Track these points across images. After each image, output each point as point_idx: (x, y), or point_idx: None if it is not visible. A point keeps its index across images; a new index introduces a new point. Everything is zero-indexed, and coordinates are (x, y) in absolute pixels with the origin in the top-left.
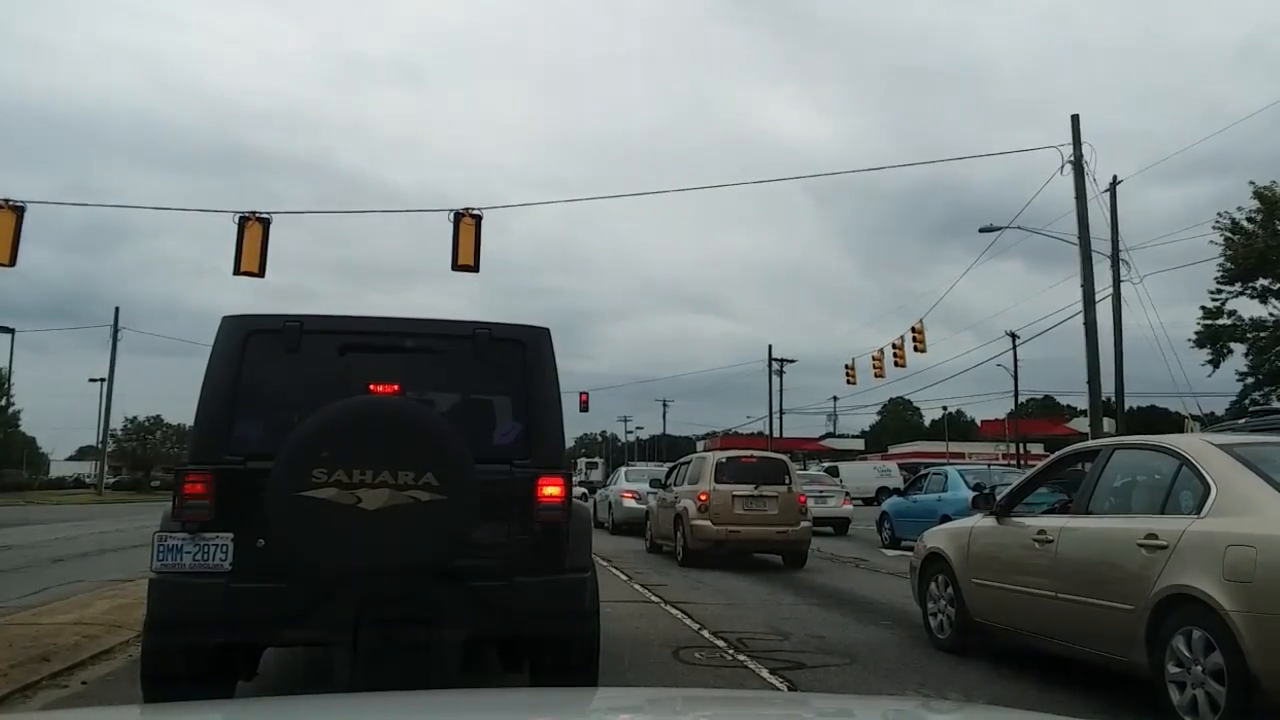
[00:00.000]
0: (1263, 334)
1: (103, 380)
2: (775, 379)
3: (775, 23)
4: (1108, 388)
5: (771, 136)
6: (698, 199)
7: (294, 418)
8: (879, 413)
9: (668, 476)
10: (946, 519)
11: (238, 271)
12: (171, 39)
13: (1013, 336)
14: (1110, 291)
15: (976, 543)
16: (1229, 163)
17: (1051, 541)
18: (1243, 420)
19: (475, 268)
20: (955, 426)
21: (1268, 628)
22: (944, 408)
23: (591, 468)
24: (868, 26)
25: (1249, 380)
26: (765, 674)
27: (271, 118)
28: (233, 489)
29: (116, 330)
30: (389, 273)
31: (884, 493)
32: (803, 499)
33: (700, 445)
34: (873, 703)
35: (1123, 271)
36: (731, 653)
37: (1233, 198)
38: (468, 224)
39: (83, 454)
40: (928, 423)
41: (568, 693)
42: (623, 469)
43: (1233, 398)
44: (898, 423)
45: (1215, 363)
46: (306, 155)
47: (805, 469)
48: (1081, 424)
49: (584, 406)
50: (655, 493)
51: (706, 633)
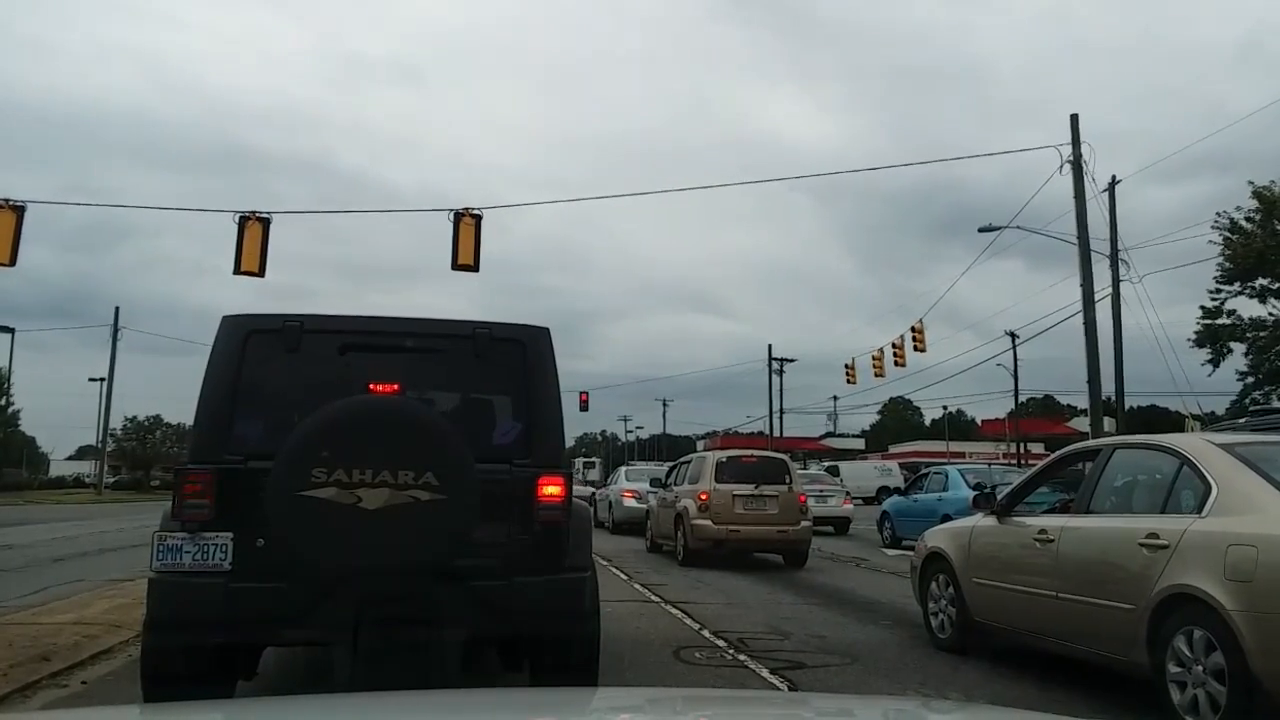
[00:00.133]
0: (1262, 333)
1: (103, 380)
2: (775, 378)
3: (775, 22)
4: (1108, 387)
5: (771, 136)
6: (698, 199)
7: (294, 417)
8: (879, 412)
9: (668, 476)
10: (947, 518)
11: (238, 271)
12: (171, 39)
13: (1012, 336)
14: (1110, 291)
15: (977, 542)
16: (1228, 162)
17: (1052, 541)
18: (1243, 420)
19: (475, 267)
20: (955, 426)
21: (1269, 627)
22: (944, 407)
23: (589, 467)
24: (868, 26)
25: (1249, 379)
26: (766, 674)
27: (271, 118)
28: (233, 488)
29: (116, 330)
30: (389, 272)
31: (884, 492)
32: (803, 498)
33: (700, 445)
34: (873, 702)
35: (1122, 271)
36: (732, 652)
37: (1232, 197)
38: (467, 224)
39: (82, 453)
40: (928, 422)
41: (568, 693)
42: (623, 468)
43: (1233, 397)
44: (898, 422)
45: (1215, 362)
46: (306, 155)
47: (806, 468)
48: (1082, 423)
49: (584, 406)
50: (655, 492)
51: (707, 632)
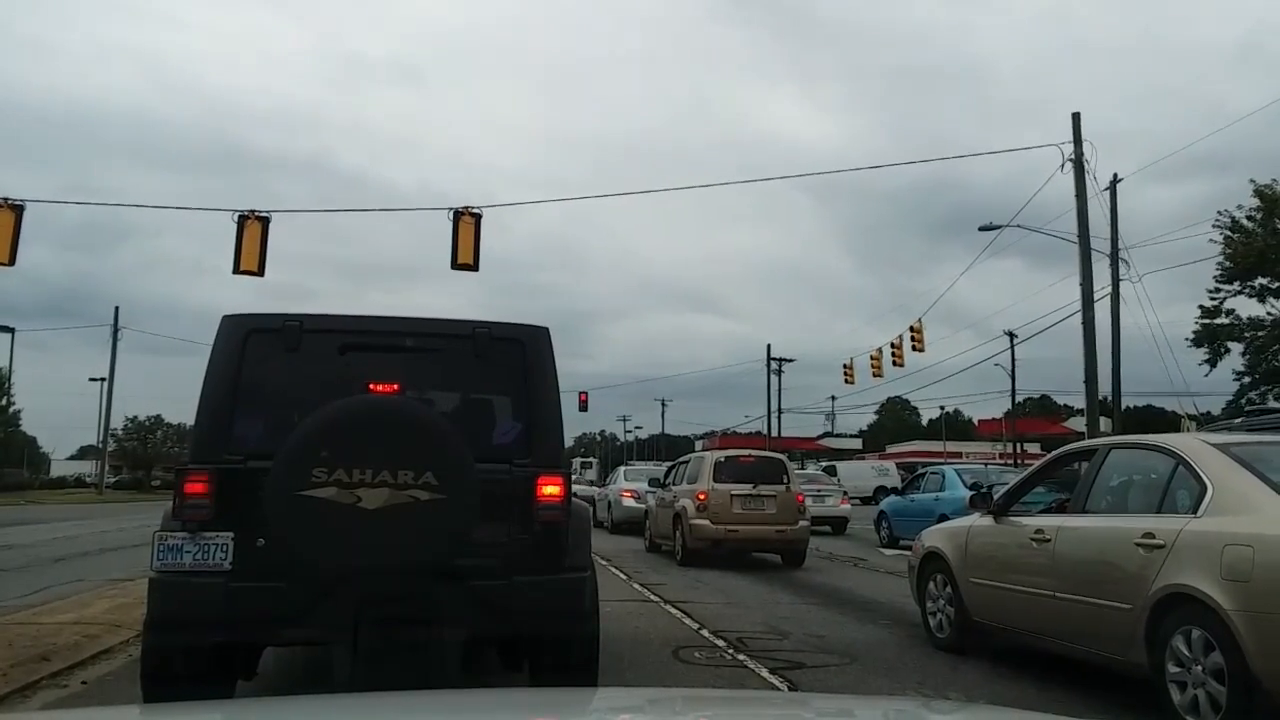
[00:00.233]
0: (1260, 333)
1: (103, 380)
2: (774, 378)
3: (775, 22)
4: (1105, 387)
5: (771, 136)
6: (697, 198)
7: (294, 417)
8: (877, 412)
9: (666, 476)
10: (944, 518)
11: (237, 270)
12: (171, 39)
13: (1010, 336)
14: (1109, 290)
15: (974, 542)
16: (1229, 161)
17: (1049, 541)
18: (1239, 420)
19: (475, 267)
20: (953, 426)
21: (1266, 627)
22: (941, 407)
23: (586, 467)
24: (868, 26)
25: (1246, 379)
26: (765, 673)
27: (271, 118)
28: (233, 488)
29: (116, 329)
30: (389, 272)
31: (882, 492)
32: (801, 498)
33: (699, 445)
34: (872, 702)
35: (1122, 270)
36: (731, 652)
37: (1233, 196)
38: (467, 223)
39: (83, 453)
40: (925, 422)
41: (568, 693)
42: (622, 468)
43: (1229, 397)
44: (895, 422)
45: (1212, 362)
46: (306, 155)
47: (803, 468)
48: (1078, 423)
49: (583, 406)
50: (654, 492)
51: (706, 632)
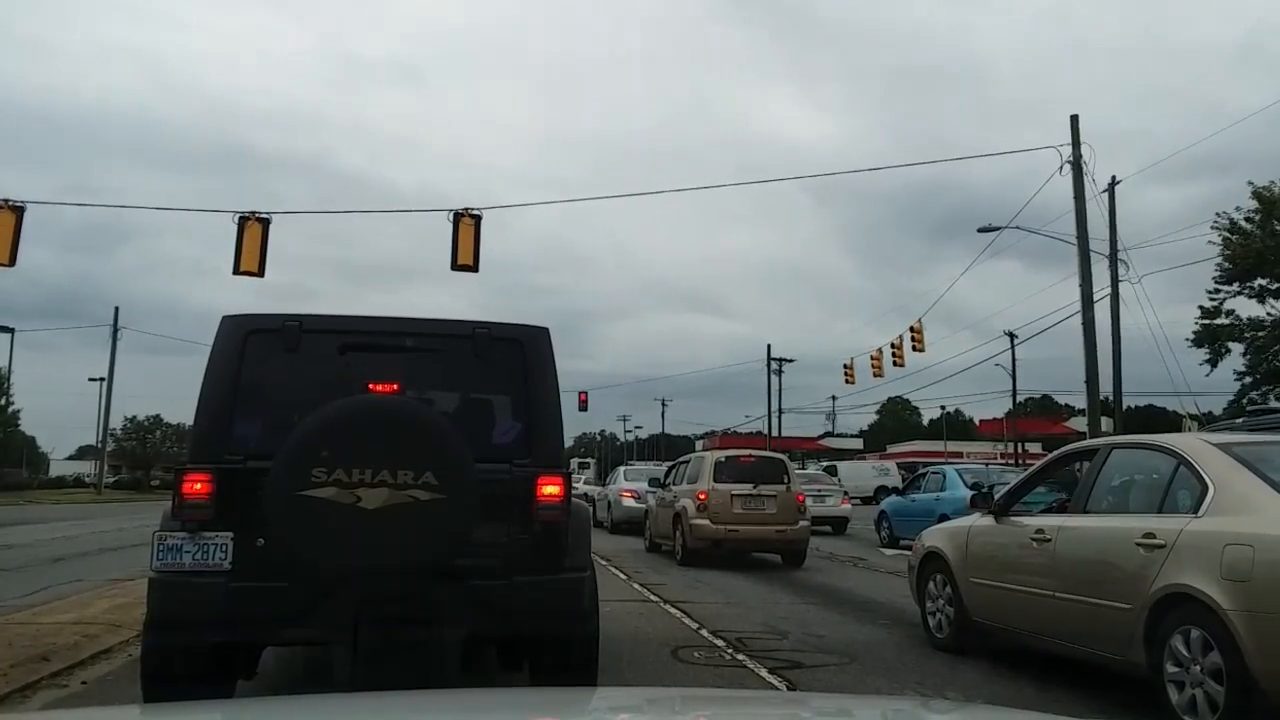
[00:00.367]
0: (1260, 333)
1: (102, 380)
2: (774, 378)
3: (775, 22)
4: (1106, 387)
5: (771, 136)
6: (697, 198)
7: (294, 417)
8: (877, 412)
9: (666, 476)
10: (945, 518)
11: (237, 271)
12: (171, 39)
13: (1011, 336)
14: (1108, 291)
15: (975, 542)
16: (1228, 163)
17: (1049, 541)
18: (1240, 420)
19: (475, 268)
20: (953, 426)
21: (1266, 627)
22: (942, 407)
23: (583, 468)
24: (867, 26)
25: (1246, 380)
26: (764, 673)
27: (271, 118)
28: (232, 488)
29: (116, 330)
30: (389, 273)
31: (882, 492)
32: (801, 498)
33: (699, 445)
34: (871, 702)
35: (1121, 271)
36: (730, 652)
37: (1232, 198)
38: (467, 224)
39: (83, 453)
40: (926, 422)
41: (567, 692)
42: (622, 468)
43: (1230, 397)
44: (896, 422)
45: (1213, 362)
46: (306, 155)
47: (804, 468)
48: (1079, 423)
49: (583, 406)
50: (654, 492)
51: (705, 632)
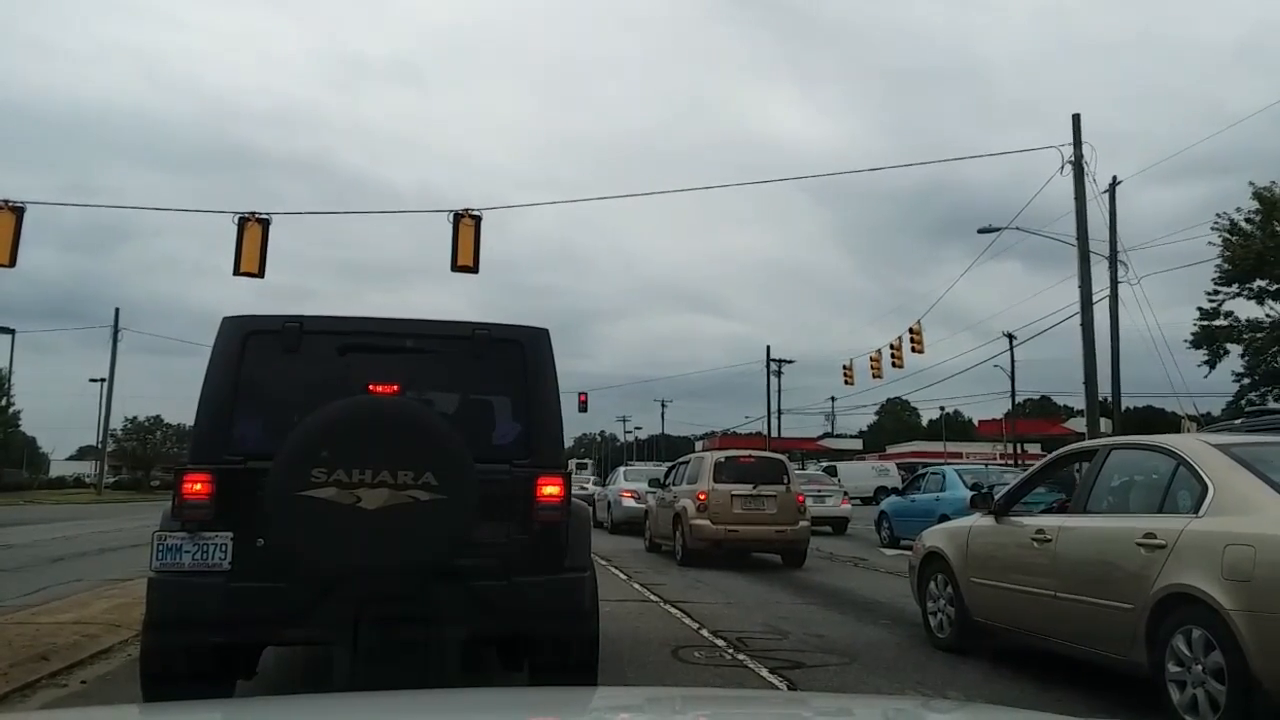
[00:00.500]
0: (1259, 335)
1: (103, 380)
2: (773, 379)
3: (775, 22)
4: (1104, 388)
5: (771, 136)
6: (697, 199)
7: (294, 418)
8: (877, 413)
9: (666, 476)
10: (945, 518)
11: (237, 272)
12: (171, 39)
13: (1010, 337)
14: (1108, 292)
15: (975, 542)
16: (1228, 164)
17: (1050, 541)
18: (1239, 420)
19: (475, 269)
20: (953, 427)
21: (1267, 627)
22: (941, 408)
23: (581, 468)
24: (867, 26)
25: (1245, 381)
26: (765, 673)
27: (271, 118)
28: (232, 489)
29: (117, 330)
30: (389, 273)
31: (882, 492)
32: (801, 498)
33: (699, 445)
34: (872, 702)
35: (1120, 272)
36: (731, 652)
37: (1232, 198)
38: (467, 225)
39: (83, 454)
40: (925, 423)
41: (567, 692)
42: (622, 468)
43: (1229, 398)
44: (896, 423)
45: (1211, 363)
46: (306, 155)
47: (803, 469)
48: (1079, 424)
49: (583, 406)
50: (654, 492)
51: (706, 632)
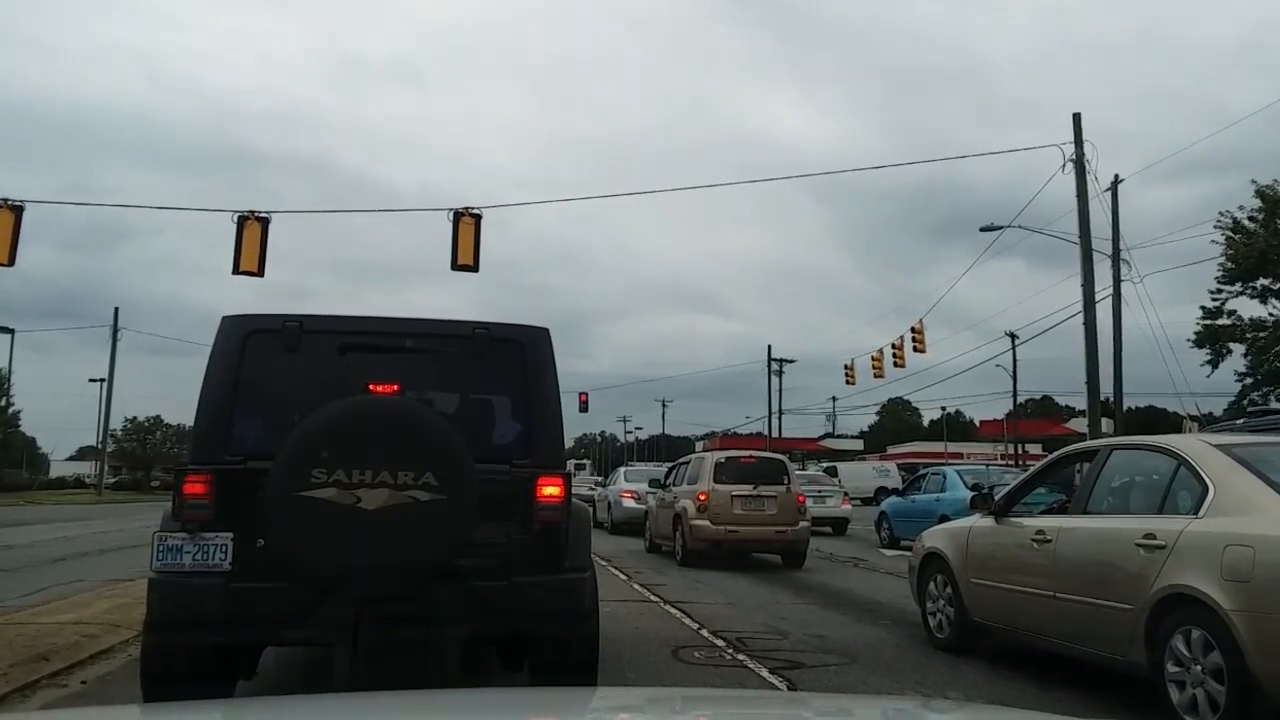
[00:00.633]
0: (1262, 334)
1: (103, 380)
2: (774, 379)
3: (775, 22)
4: (1106, 388)
5: (771, 136)
6: (697, 198)
7: (294, 418)
8: (878, 413)
9: (667, 476)
10: (945, 519)
11: (237, 271)
12: (171, 39)
13: (1012, 337)
14: (1110, 291)
15: (975, 542)
16: (1230, 162)
17: (1050, 541)
18: (1241, 420)
19: (475, 267)
20: (954, 427)
21: (1266, 627)
22: (943, 408)
23: (579, 469)
24: (867, 26)
25: (1248, 380)
26: (765, 673)
27: (271, 118)
28: (233, 489)
29: (116, 330)
30: (389, 272)
31: (882, 493)
32: (801, 499)
33: (699, 445)
34: (872, 702)
35: (1123, 271)
36: (731, 652)
37: (1234, 197)
38: (467, 223)
39: (83, 454)
40: (926, 423)
41: (568, 692)
42: (622, 469)
43: (1231, 398)
44: (896, 423)
45: (1214, 363)
46: (306, 155)
47: (804, 469)
48: (1080, 424)
49: (583, 406)
50: (654, 493)
51: (706, 632)
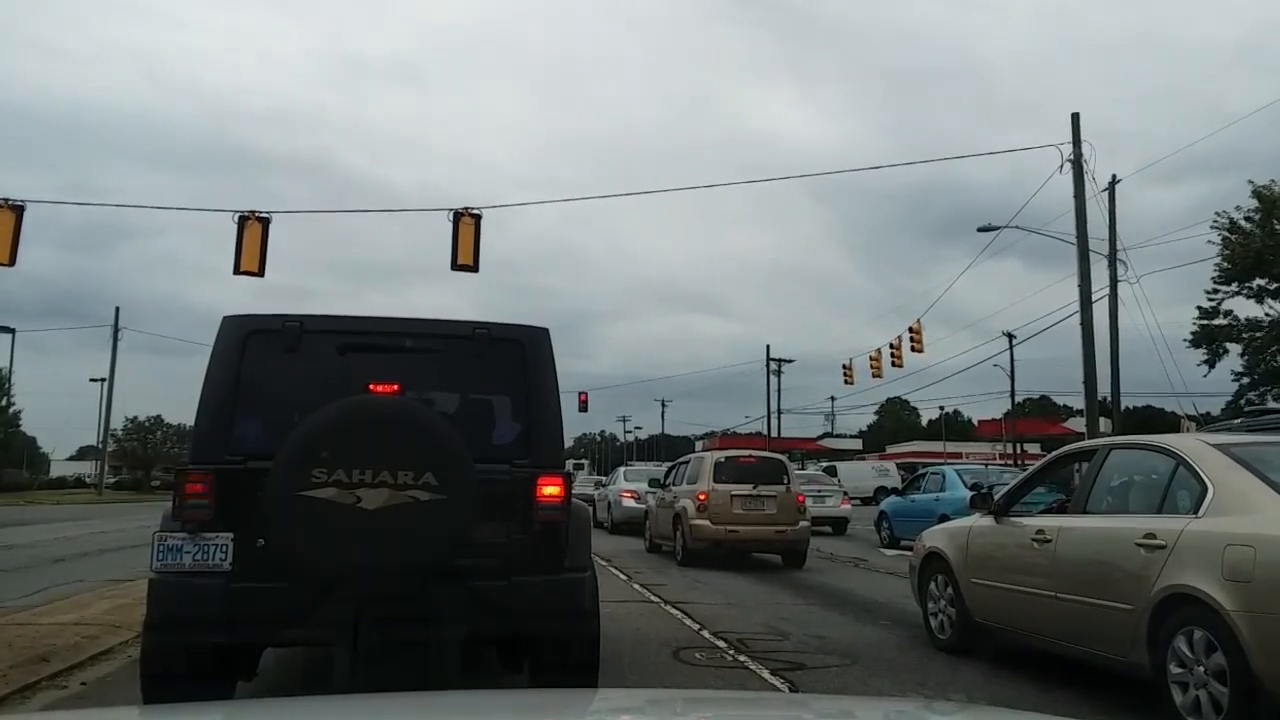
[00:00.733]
0: (1258, 334)
1: (103, 380)
2: (773, 379)
3: (775, 22)
4: (1104, 388)
5: (771, 136)
6: (697, 199)
7: (294, 418)
8: (877, 413)
9: (666, 476)
10: (945, 518)
11: (237, 271)
12: (171, 38)
13: (1009, 336)
14: (1107, 291)
15: (975, 542)
16: (1228, 162)
17: (1050, 541)
18: (1238, 420)
19: (475, 268)
20: (952, 426)
21: (1268, 627)
22: (941, 408)
23: (577, 469)
24: (868, 26)
25: (1244, 380)
26: (766, 675)
27: (272, 118)
28: (233, 489)
29: (117, 330)
30: (389, 272)
31: (882, 492)
32: (801, 498)
33: (699, 445)
34: (874, 703)
35: (1120, 271)
36: (732, 653)
37: (1232, 197)
38: (467, 224)
39: (83, 454)
40: (925, 423)
41: (568, 693)
42: (622, 469)
43: (1228, 398)
44: (895, 423)
45: (1211, 363)
46: (306, 155)
47: (803, 469)
48: (1078, 424)
49: (583, 406)
50: (654, 492)
51: (706, 633)
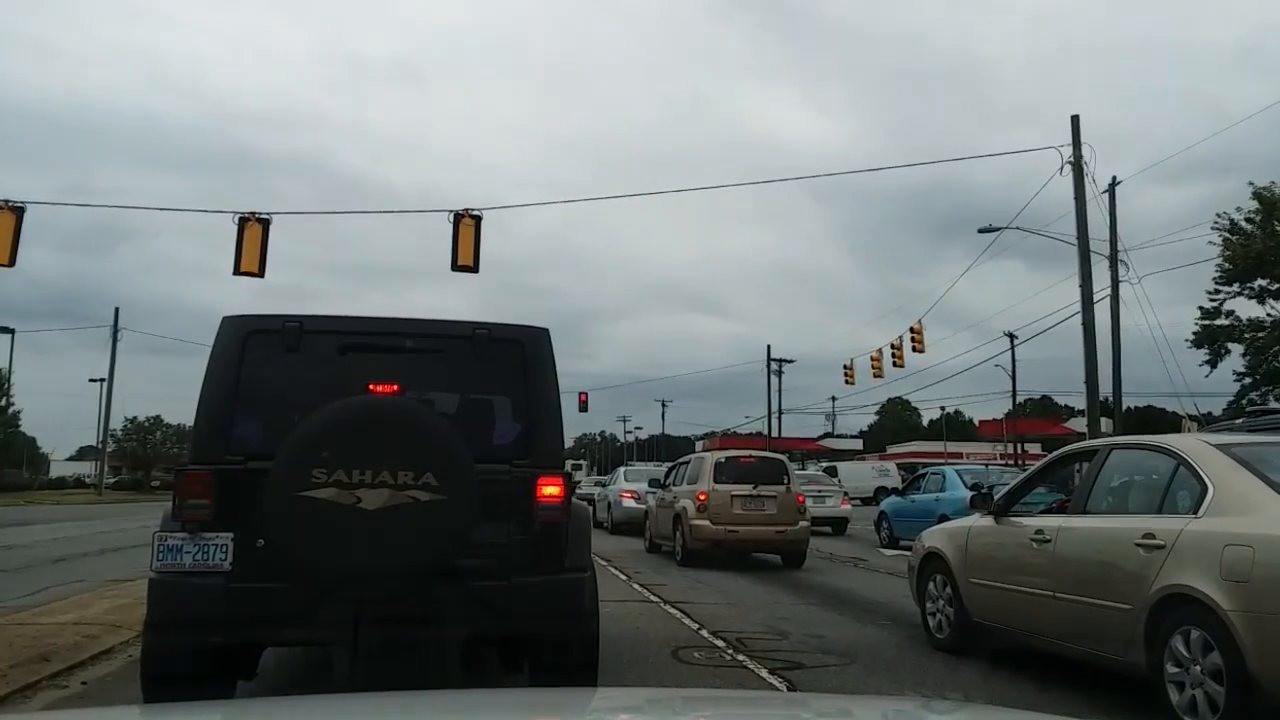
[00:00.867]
0: (1260, 334)
1: (103, 380)
2: (774, 379)
3: (776, 23)
4: (1105, 388)
5: (772, 137)
6: (698, 199)
7: (294, 418)
8: (877, 413)
9: (666, 476)
10: (945, 519)
11: (237, 272)
12: (171, 39)
13: (1011, 337)
14: (1109, 292)
15: (975, 542)
16: (1229, 164)
17: (1049, 541)
18: (1240, 420)
19: (475, 268)
20: (953, 427)
21: (1266, 628)
22: (942, 408)
23: (575, 469)
24: (868, 27)
25: (1246, 380)
26: (765, 674)
27: (272, 118)
28: (233, 489)
29: (116, 330)
30: (389, 273)
31: (882, 492)
32: (801, 499)
33: (699, 445)
34: (872, 703)
35: (1121, 272)
36: (731, 652)
37: (1232, 198)
38: (467, 224)
39: (83, 454)
40: (926, 423)
41: (567, 693)
42: (622, 469)
43: (1230, 398)
44: (896, 423)
45: (1212, 363)
46: (306, 155)
47: (804, 469)
48: (1079, 424)
49: (583, 406)
50: (654, 493)
51: (705, 632)
